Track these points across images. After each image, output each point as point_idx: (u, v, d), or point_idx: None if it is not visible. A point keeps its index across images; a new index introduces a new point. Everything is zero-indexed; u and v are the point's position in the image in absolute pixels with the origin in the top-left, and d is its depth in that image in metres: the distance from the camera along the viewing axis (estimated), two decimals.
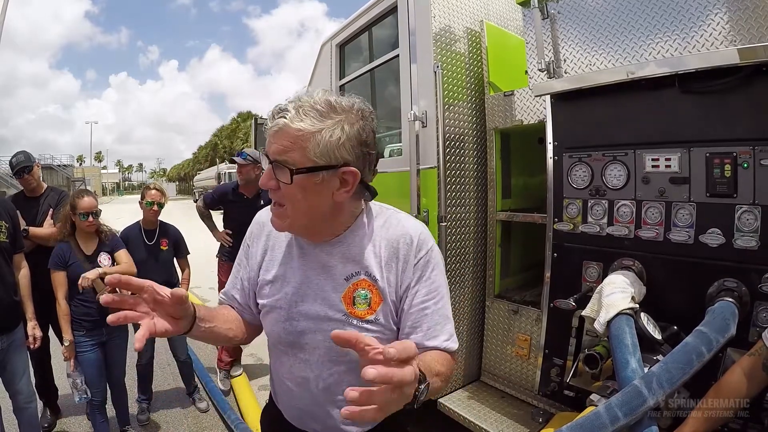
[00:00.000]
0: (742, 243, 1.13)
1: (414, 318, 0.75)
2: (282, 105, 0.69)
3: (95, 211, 1.99)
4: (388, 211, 0.82)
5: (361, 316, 0.75)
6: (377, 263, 0.76)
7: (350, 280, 0.76)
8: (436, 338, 0.75)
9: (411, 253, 0.75)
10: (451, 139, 1.89)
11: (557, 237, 1.54)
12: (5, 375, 1.83)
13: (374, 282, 0.75)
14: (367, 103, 0.73)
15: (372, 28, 2.36)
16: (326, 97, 0.68)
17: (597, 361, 1.23)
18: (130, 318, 0.62)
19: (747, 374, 0.88)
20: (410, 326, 0.75)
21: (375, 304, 0.75)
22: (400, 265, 0.75)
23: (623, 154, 1.38)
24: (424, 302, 0.75)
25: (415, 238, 0.76)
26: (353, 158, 0.69)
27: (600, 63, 1.51)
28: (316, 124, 0.66)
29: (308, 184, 0.68)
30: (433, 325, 0.75)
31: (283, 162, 0.67)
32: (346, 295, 0.76)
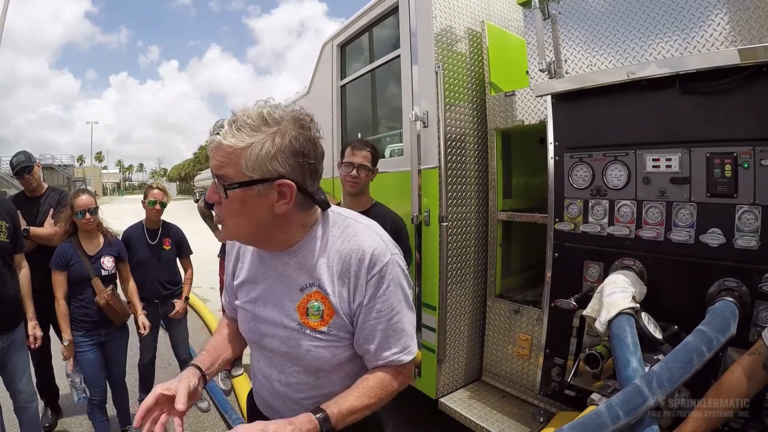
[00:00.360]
0: (743, 243, 1.14)
1: (366, 333, 0.77)
2: (220, 122, 0.70)
3: (91, 208, 1.99)
4: (346, 221, 0.80)
5: (314, 327, 0.77)
6: (329, 277, 0.76)
7: (304, 291, 0.77)
8: (388, 350, 0.78)
9: (362, 271, 0.75)
10: (453, 140, 1.89)
11: (558, 237, 1.54)
12: (6, 374, 1.83)
13: (326, 295, 0.76)
14: (304, 112, 0.73)
15: (373, 29, 2.36)
16: (260, 110, 0.69)
17: (598, 361, 1.24)
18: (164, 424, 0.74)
19: (747, 373, 0.89)
20: (363, 339, 0.78)
21: (327, 317, 0.77)
22: (352, 282, 0.75)
23: (624, 155, 1.38)
24: (377, 319, 0.76)
25: (367, 255, 0.75)
26: (287, 170, 0.68)
27: (601, 63, 1.51)
28: (246, 139, 0.66)
29: (245, 197, 0.69)
30: (386, 338, 0.77)
31: (219, 177, 0.69)
32: (300, 305, 0.78)
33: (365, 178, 1.75)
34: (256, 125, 0.67)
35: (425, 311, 1.97)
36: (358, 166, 1.73)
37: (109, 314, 2.01)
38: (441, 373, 1.92)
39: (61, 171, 30.02)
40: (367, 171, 1.74)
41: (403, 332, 0.79)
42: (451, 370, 1.96)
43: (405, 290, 0.79)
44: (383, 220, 1.79)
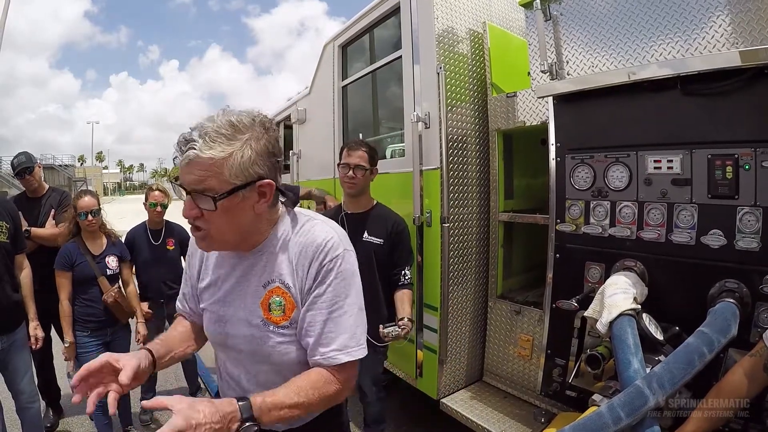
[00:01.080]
0: (744, 244, 1.14)
1: (308, 322, 0.77)
2: (186, 135, 0.69)
3: (94, 210, 2.01)
4: (305, 218, 0.83)
5: (276, 322, 0.78)
6: (290, 271, 0.78)
7: (267, 287, 0.79)
8: (326, 346, 0.76)
9: (316, 258, 0.77)
10: (454, 140, 1.90)
11: (559, 238, 1.54)
12: (7, 375, 1.84)
13: (287, 289, 0.78)
14: (265, 114, 0.76)
15: (374, 29, 2.37)
16: (227, 118, 0.70)
17: (599, 362, 1.24)
18: (101, 394, 0.70)
19: (748, 375, 0.89)
20: (306, 328, 0.77)
21: (289, 311, 0.78)
22: (305, 268, 0.77)
23: (625, 156, 1.38)
24: (318, 309, 0.76)
25: (322, 244, 0.77)
26: (266, 170, 0.72)
27: (602, 65, 1.51)
28: (227, 149, 0.68)
29: (230, 205, 0.71)
30: (325, 332, 0.76)
31: (202, 191, 0.69)
32: (263, 301, 0.79)
33: (362, 178, 1.74)
34: (230, 134, 0.69)
35: (427, 312, 1.98)
36: (354, 167, 1.72)
37: (116, 312, 2.04)
38: (442, 374, 1.93)
39: (61, 171, 30.04)
40: (364, 171, 1.73)
41: (344, 329, 0.77)
42: (453, 371, 1.97)
43: (353, 287, 0.79)
44: (384, 220, 1.79)
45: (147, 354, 0.79)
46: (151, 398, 2.49)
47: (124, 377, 0.70)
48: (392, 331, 1.60)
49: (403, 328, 1.62)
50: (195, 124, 0.71)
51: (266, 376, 0.82)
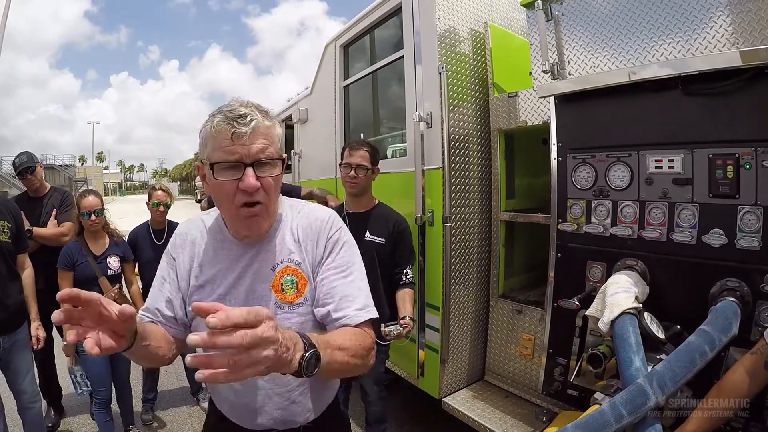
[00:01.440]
0: (745, 243, 1.14)
1: (326, 290, 0.80)
2: (236, 109, 0.73)
3: (96, 210, 2.02)
4: (300, 204, 0.90)
5: (290, 301, 0.80)
6: (297, 247, 0.82)
7: (276, 269, 0.81)
8: (347, 308, 0.79)
9: (324, 231, 0.83)
10: (456, 140, 1.90)
11: (561, 237, 1.55)
12: (9, 375, 1.84)
13: (297, 266, 0.81)
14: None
15: (376, 30, 2.37)
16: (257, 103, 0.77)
17: (600, 361, 1.24)
18: (79, 336, 0.58)
19: (749, 373, 0.90)
20: (323, 297, 0.80)
21: (302, 287, 0.81)
22: (314, 241, 0.83)
23: (627, 155, 1.39)
24: (335, 275, 0.81)
25: (327, 220, 0.85)
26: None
27: (604, 65, 1.52)
28: (274, 121, 0.77)
29: (278, 171, 0.77)
30: (345, 296, 0.80)
31: (269, 157, 0.74)
32: (274, 283, 0.80)
33: (364, 178, 1.75)
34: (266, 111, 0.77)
35: (429, 311, 1.98)
36: (356, 167, 1.73)
37: None
38: (444, 373, 1.93)
39: (62, 171, 30.05)
40: (366, 171, 1.74)
41: (360, 291, 0.82)
42: (455, 370, 1.97)
43: (358, 255, 0.86)
44: (386, 219, 1.80)
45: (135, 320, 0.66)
46: (151, 400, 2.48)
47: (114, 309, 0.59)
48: (394, 330, 1.61)
49: (404, 327, 1.63)
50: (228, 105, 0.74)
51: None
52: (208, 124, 0.75)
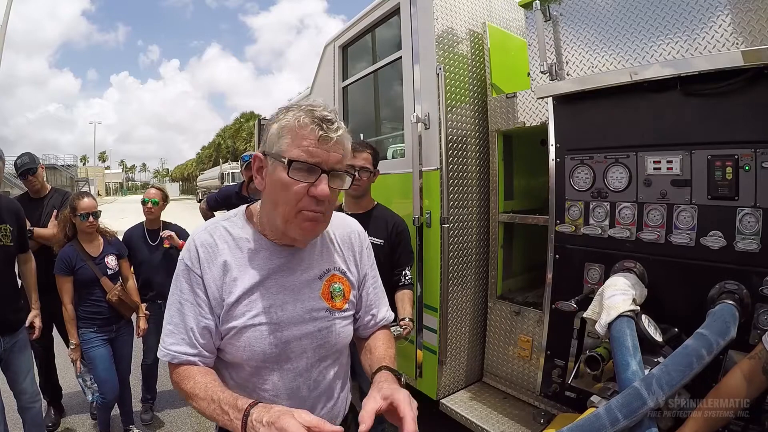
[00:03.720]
0: (743, 246, 1.14)
1: (371, 299, 0.91)
2: (326, 114, 0.71)
3: (95, 212, 2.04)
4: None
5: (339, 308, 0.83)
6: (341, 257, 0.86)
7: (323, 277, 0.82)
8: (386, 310, 0.94)
9: (360, 246, 0.90)
10: (454, 141, 1.90)
11: (559, 239, 1.54)
12: (9, 375, 1.85)
13: (343, 275, 0.85)
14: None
15: (375, 30, 2.37)
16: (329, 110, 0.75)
17: (598, 363, 1.24)
18: None
19: (747, 377, 0.89)
20: (369, 305, 0.91)
21: (348, 293, 0.85)
22: (357, 256, 0.89)
23: (625, 157, 1.38)
24: (374, 284, 0.92)
25: (359, 232, 0.91)
26: None
27: (602, 65, 1.51)
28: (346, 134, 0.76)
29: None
30: (381, 299, 0.94)
31: (345, 170, 0.75)
32: (324, 291, 0.81)
33: (367, 180, 1.74)
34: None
35: (426, 312, 1.98)
36: (359, 169, 1.72)
37: (120, 309, 2.09)
38: (442, 374, 1.93)
39: (64, 171, 30.14)
40: (369, 173, 1.74)
41: (383, 292, 0.96)
42: (452, 371, 1.97)
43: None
44: (385, 221, 1.79)
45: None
46: (151, 400, 2.48)
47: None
48: (393, 331, 1.60)
49: (404, 327, 1.62)
50: (314, 105, 0.71)
51: (325, 373, 0.82)
52: (288, 117, 0.70)
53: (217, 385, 0.70)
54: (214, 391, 0.68)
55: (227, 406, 0.64)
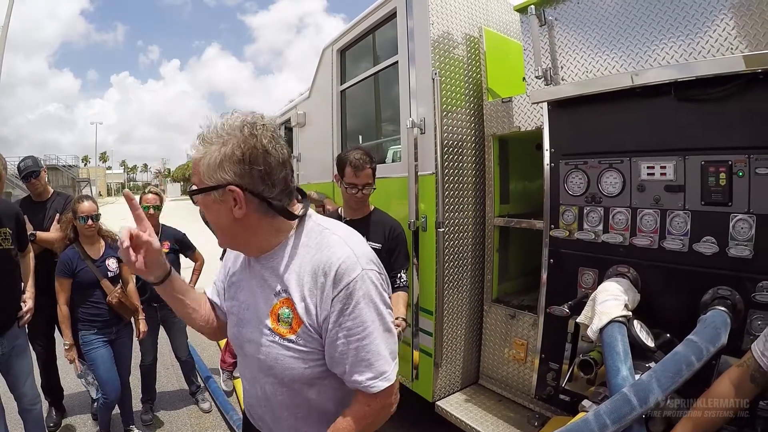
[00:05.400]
0: (736, 252, 1.14)
1: (338, 353, 0.74)
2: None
3: (95, 215, 2.06)
4: (323, 232, 0.79)
5: (282, 335, 0.77)
6: (298, 287, 0.76)
7: (277, 296, 0.78)
8: (361, 374, 0.74)
9: (328, 285, 0.73)
10: (450, 146, 1.91)
11: (553, 243, 1.55)
12: (9, 379, 1.86)
13: (294, 304, 0.76)
14: (259, 117, 0.75)
15: (372, 34, 2.37)
16: (218, 123, 0.74)
17: (591, 367, 1.25)
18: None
19: (735, 385, 0.89)
20: (334, 360, 0.75)
21: (296, 325, 0.76)
22: (318, 296, 0.74)
23: (619, 162, 1.39)
24: (347, 338, 0.73)
25: (333, 269, 0.73)
26: (234, 176, 0.71)
27: (597, 70, 1.51)
28: (201, 150, 0.73)
29: (207, 203, 0.75)
30: (358, 361, 0.74)
31: (196, 188, 0.76)
32: (273, 310, 0.78)
33: (368, 193, 1.74)
34: (211, 138, 0.73)
35: (422, 315, 1.99)
36: (363, 186, 1.70)
37: (120, 311, 2.11)
38: (438, 377, 1.94)
39: (65, 171, 30.26)
40: (371, 187, 1.73)
41: (378, 355, 0.74)
42: (448, 374, 1.98)
43: (379, 308, 0.75)
44: (383, 225, 1.81)
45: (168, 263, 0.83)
46: (151, 401, 2.51)
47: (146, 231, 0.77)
48: None
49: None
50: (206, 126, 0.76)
51: (274, 387, 0.81)
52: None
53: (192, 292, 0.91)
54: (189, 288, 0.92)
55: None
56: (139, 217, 0.78)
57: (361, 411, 0.77)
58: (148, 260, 0.77)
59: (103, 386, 2.06)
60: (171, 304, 0.87)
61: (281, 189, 0.75)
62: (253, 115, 0.75)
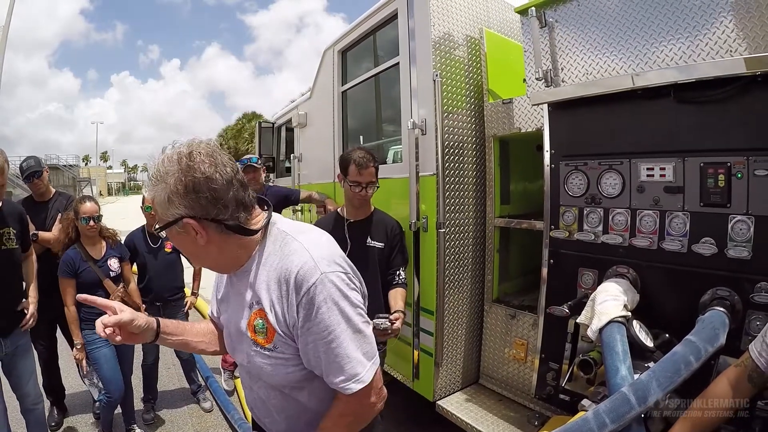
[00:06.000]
0: (735, 253, 1.15)
1: (310, 357, 0.77)
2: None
3: (96, 215, 2.08)
4: (287, 237, 0.80)
5: (261, 344, 0.80)
6: (267, 296, 0.78)
7: (252, 308, 0.81)
8: (335, 377, 0.76)
9: (291, 292, 0.75)
10: (450, 147, 1.91)
11: (554, 244, 1.56)
12: (12, 379, 1.87)
13: (266, 314, 0.78)
14: (195, 144, 0.76)
15: (373, 35, 2.38)
16: (159, 161, 0.75)
17: (591, 366, 1.26)
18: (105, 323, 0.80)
19: (732, 385, 0.90)
20: (311, 363, 0.78)
21: (270, 335, 0.79)
22: (285, 302, 0.76)
23: (619, 163, 1.39)
24: (315, 342, 0.75)
25: (293, 276, 0.74)
26: (184, 210, 0.73)
27: (597, 72, 1.52)
28: (152, 191, 0.76)
29: (174, 235, 0.78)
30: (329, 364, 0.75)
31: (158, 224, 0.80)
32: (249, 322, 0.82)
33: (373, 191, 1.78)
34: (156, 177, 0.74)
35: (423, 315, 2.00)
36: (367, 185, 1.74)
37: None
38: (438, 376, 1.95)
39: (66, 171, 30.27)
40: (375, 185, 1.77)
41: (347, 359, 0.75)
42: (449, 374, 1.99)
43: (344, 310, 0.75)
44: (384, 225, 1.84)
45: (153, 321, 0.86)
46: (152, 400, 2.53)
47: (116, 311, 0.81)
48: (382, 324, 1.54)
49: (394, 321, 1.59)
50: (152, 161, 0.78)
51: (266, 392, 0.87)
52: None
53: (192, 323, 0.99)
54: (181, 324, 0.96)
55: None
56: (105, 306, 0.82)
57: (340, 409, 0.81)
58: (128, 332, 0.81)
59: (106, 385, 2.07)
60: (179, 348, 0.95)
61: (234, 207, 0.76)
62: (190, 143, 0.76)
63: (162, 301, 2.44)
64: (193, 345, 0.95)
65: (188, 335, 0.93)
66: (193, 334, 0.95)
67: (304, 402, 0.84)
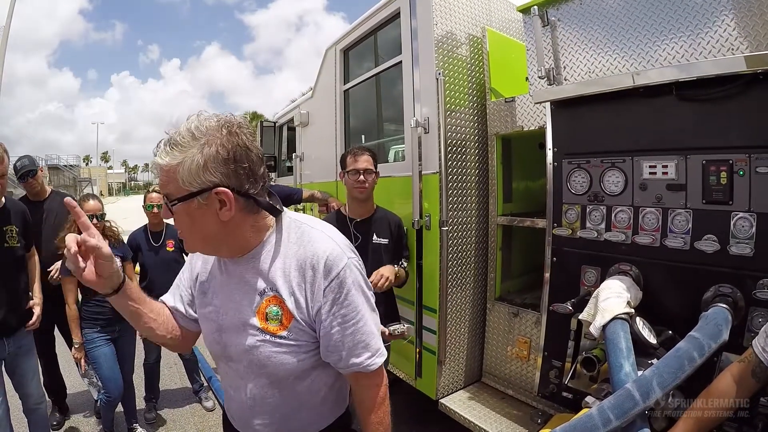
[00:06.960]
0: (737, 250, 1.15)
1: (334, 340, 0.77)
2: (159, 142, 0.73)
3: (99, 214, 2.07)
4: (302, 227, 0.80)
5: (273, 332, 0.77)
6: (285, 283, 0.77)
7: (263, 295, 0.78)
8: (358, 357, 0.79)
9: (318, 278, 0.75)
10: (453, 145, 1.92)
11: (556, 242, 1.56)
12: (15, 379, 1.88)
13: (283, 300, 0.77)
14: (235, 117, 0.74)
15: (375, 34, 2.39)
16: (189, 125, 0.71)
17: (594, 364, 1.26)
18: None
19: (736, 380, 0.91)
20: (331, 347, 0.78)
21: (287, 321, 0.77)
22: (308, 289, 0.76)
23: (621, 161, 1.40)
24: (342, 325, 0.76)
25: (322, 261, 0.75)
26: (221, 178, 0.69)
27: (600, 70, 1.53)
28: (178, 156, 0.69)
29: (190, 210, 0.71)
30: (356, 343, 0.78)
31: (165, 195, 0.73)
32: (259, 310, 0.78)
33: (372, 181, 1.81)
34: (185, 141, 0.69)
35: (426, 313, 2.00)
36: (363, 171, 1.77)
37: None
38: (441, 375, 1.95)
39: (67, 171, 30.26)
40: (373, 174, 1.80)
41: (372, 335, 0.80)
42: (452, 372, 1.99)
43: (366, 292, 0.80)
44: (387, 221, 1.87)
45: (121, 273, 0.76)
46: (154, 399, 2.52)
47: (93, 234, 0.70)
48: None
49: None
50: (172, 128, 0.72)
51: (262, 390, 0.81)
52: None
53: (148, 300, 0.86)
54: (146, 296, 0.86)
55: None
56: (84, 224, 0.71)
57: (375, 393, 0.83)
58: (100, 268, 0.71)
59: (105, 384, 2.07)
60: (128, 317, 0.82)
61: (262, 185, 0.75)
62: (226, 115, 0.74)
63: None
64: (145, 320, 0.83)
65: (145, 307, 0.83)
66: (149, 309, 0.85)
67: (303, 394, 0.83)
